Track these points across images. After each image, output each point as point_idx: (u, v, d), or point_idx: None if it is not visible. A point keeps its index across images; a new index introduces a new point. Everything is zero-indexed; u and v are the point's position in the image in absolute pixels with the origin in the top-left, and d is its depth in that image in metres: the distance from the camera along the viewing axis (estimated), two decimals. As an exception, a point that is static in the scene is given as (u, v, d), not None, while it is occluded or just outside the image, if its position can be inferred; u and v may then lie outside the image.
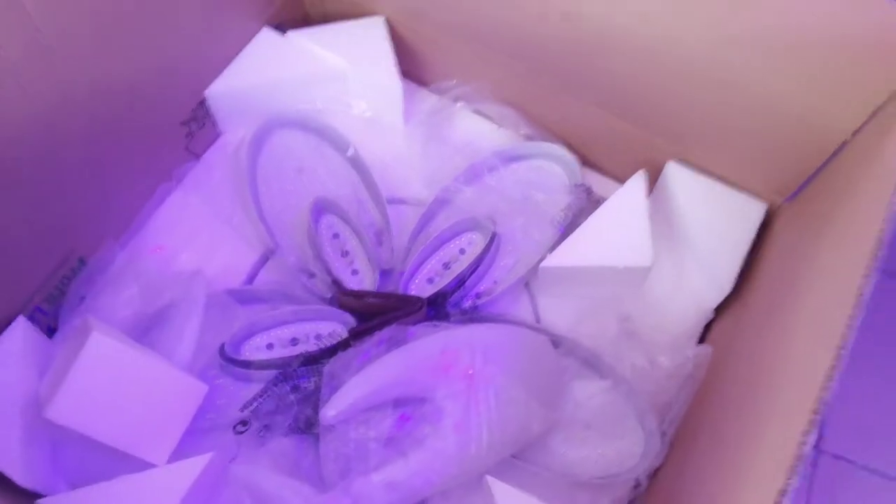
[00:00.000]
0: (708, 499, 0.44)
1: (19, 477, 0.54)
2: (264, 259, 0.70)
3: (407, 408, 0.59)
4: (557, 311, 0.69)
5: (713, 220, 0.67)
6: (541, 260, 0.67)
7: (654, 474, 0.59)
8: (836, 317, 0.36)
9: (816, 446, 0.83)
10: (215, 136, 0.76)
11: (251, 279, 0.69)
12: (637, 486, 0.59)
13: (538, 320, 0.69)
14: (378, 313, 0.62)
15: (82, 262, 0.65)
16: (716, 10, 0.53)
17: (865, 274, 0.34)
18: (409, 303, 0.62)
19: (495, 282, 0.69)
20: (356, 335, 0.61)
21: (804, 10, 0.49)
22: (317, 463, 0.60)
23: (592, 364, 0.65)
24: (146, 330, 0.63)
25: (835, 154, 0.57)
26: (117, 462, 0.58)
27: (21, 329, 0.59)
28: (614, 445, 0.63)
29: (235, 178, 0.72)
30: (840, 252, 0.44)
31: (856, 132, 0.54)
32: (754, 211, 0.67)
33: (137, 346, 0.57)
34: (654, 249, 0.65)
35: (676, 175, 0.69)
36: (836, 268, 0.44)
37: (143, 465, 0.57)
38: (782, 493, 0.31)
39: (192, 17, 0.65)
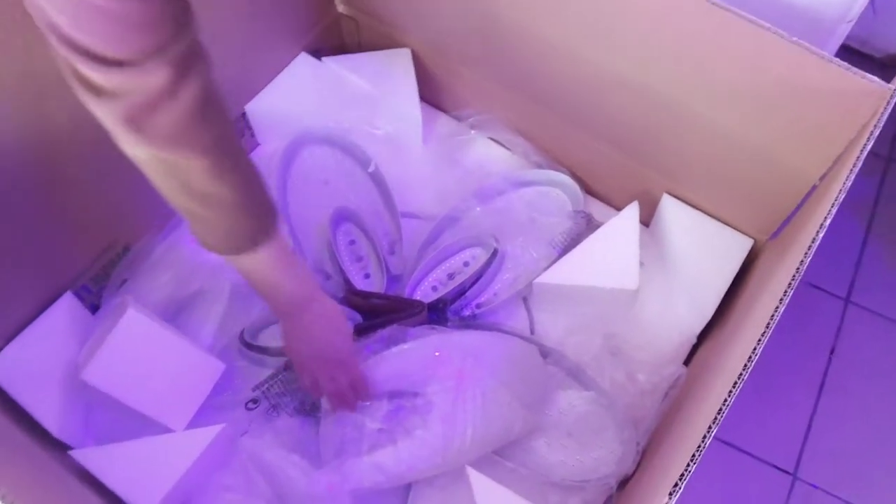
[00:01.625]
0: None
1: (55, 429, 0.61)
2: (287, 259, 0.77)
3: (401, 399, 0.65)
4: (551, 325, 0.75)
5: (702, 252, 0.72)
6: (537, 277, 0.73)
7: (626, 480, 0.64)
8: (749, 345, 0.41)
9: (793, 473, 0.86)
10: (254, 145, 0.84)
11: (274, 277, 0.76)
12: (608, 491, 0.64)
13: (533, 332, 0.75)
14: (382, 313, 0.68)
15: (126, 249, 0.73)
16: (700, 63, 0.59)
17: (777, 305, 0.39)
18: (411, 306, 0.68)
19: (495, 294, 0.75)
20: (361, 331, 0.67)
21: (773, 70, 0.54)
22: (317, 442, 0.66)
23: (576, 376, 0.70)
24: (177, 312, 0.71)
25: (807, 196, 0.62)
26: (140, 426, 0.65)
27: (67, 303, 0.67)
28: (592, 454, 0.68)
29: (269, 185, 0.80)
30: (774, 288, 0.49)
31: (822, 177, 0.59)
32: (740, 245, 0.72)
33: (167, 325, 0.65)
34: (641, 275, 0.70)
35: (671, 208, 0.74)
36: (767, 302, 0.49)
37: (164, 430, 0.64)
38: (681, 476, 0.36)
39: (238, 40, 0.73)
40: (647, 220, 0.79)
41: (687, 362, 0.74)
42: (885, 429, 0.89)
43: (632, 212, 0.73)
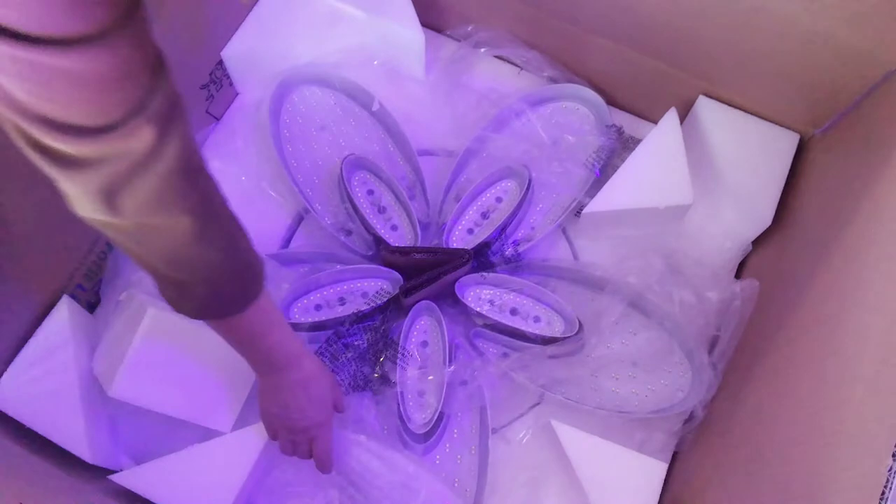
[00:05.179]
0: (803, 415, 0.46)
1: (88, 456, 0.54)
2: (298, 220, 0.69)
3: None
4: (595, 253, 0.69)
5: (746, 153, 0.67)
6: (576, 203, 0.67)
7: (709, 405, 0.61)
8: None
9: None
10: (233, 96, 0.74)
11: (287, 242, 0.68)
12: (690, 418, 0.61)
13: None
14: (425, 268, 0.61)
15: (117, 235, 0.63)
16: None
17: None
18: (457, 256, 0.62)
19: (533, 228, 0.69)
20: (407, 292, 0.61)
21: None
22: (379, 418, 0.61)
23: (636, 304, 0.65)
24: (190, 300, 0.63)
25: (877, 85, 0.57)
26: (173, 431, 0.58)
27: (66, 308, 0.58)
28: (662, 381, 0.64)
29: (258, 140, 0.71)
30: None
31: (901, 61, 0.54)
32: (787, 142, 0.68)
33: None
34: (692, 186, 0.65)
35: (707, 109, 0.69)
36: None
37: (201, 433, 0.57)
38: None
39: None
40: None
41: (738, 272, 0.70)
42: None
43: (671, 120, 0.68)
